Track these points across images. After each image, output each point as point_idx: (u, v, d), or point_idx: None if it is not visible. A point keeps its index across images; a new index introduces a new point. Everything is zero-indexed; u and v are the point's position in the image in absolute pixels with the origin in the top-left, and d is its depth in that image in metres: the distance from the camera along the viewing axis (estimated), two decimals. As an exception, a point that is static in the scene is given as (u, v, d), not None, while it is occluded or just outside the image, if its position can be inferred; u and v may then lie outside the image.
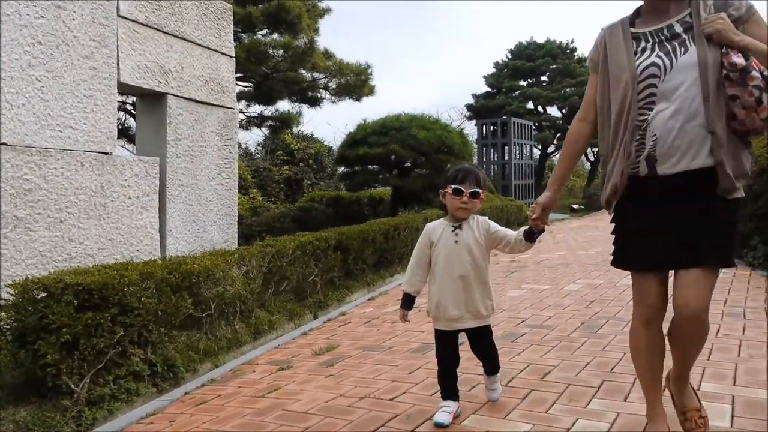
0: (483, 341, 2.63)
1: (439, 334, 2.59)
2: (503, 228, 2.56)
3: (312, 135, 19.86)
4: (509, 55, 23.33)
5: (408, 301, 2.58)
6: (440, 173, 12.80)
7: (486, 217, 2.58)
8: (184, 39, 5.70)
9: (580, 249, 8.72)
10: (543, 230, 2.39)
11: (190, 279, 4.03)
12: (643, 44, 2.05)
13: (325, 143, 20.00)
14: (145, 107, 5.66)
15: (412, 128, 12.39)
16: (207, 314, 4.23)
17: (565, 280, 5.94)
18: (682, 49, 1.96)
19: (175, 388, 3.55)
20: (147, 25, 5.24)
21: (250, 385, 3.34)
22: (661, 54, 1.99)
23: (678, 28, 2.01)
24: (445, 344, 2.58)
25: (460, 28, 68.44)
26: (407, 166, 12.81)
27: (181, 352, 3.89)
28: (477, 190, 2.49)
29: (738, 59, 1.85)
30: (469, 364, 3.29)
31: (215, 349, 4.15)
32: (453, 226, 2.52)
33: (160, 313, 3.73)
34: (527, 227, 2.43)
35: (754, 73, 1.85)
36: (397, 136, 12.43)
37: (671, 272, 2.08)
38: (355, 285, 6.56)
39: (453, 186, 2.47)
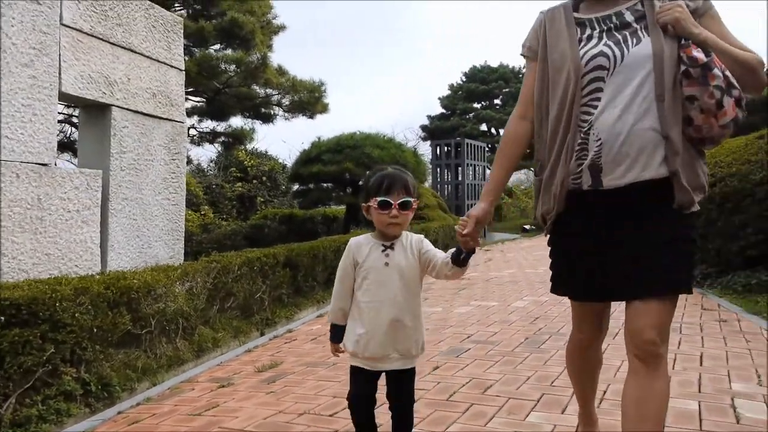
0: (405, 387, 2.13)
1: (355, 372, 2.09)
2: (434, 248, 2.10)
3: (266, 152, 19.74)
4: (464, 78, 23.80)
5: (337, 333, 2.13)
6: (394, 192, 12.94)
7: (422, 236, 2.13)
8: (132, 50, 5.60)
9: (530, 267, 8.87)
10: (473, 251, 1.93)
11: (129, 294, 3.90)
12: (588, 31, 1.77)
13: (280, 160, 19.90)
14: (88, 118, 5.50)
15: (367, 147, 12.46)
16: (147, 331, 4.10)
17: (512, 297, 6.02)
18: (634, 40, 1.69)
19: (110, 407, 3.41)
20: (92, 35, 5.12)
21: (187, 403, 3.23)
22: (610, 43, 1.71)
23: (628, 17, 1.75)
24: (362, 386, 2.10)
25: (417, 51, 69.56)
26: (361, 184, 12.85)
27: (118, 371, 3.75)
28: (407, 199, 2.00)
29: (698, 54, 1.61)
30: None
31: (154, 367, 4.01)
32: (383, 245, 2.05)
33: (95, 330, 3.59)
34: (455, 248, 1.96)
35: (716, 71, 1.61)
36: (351, 154, 12.46)
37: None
38: (305, 302, 6.48)
39: (378, 198, 1.98)
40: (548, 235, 1.92)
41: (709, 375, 3.22)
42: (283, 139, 50.02)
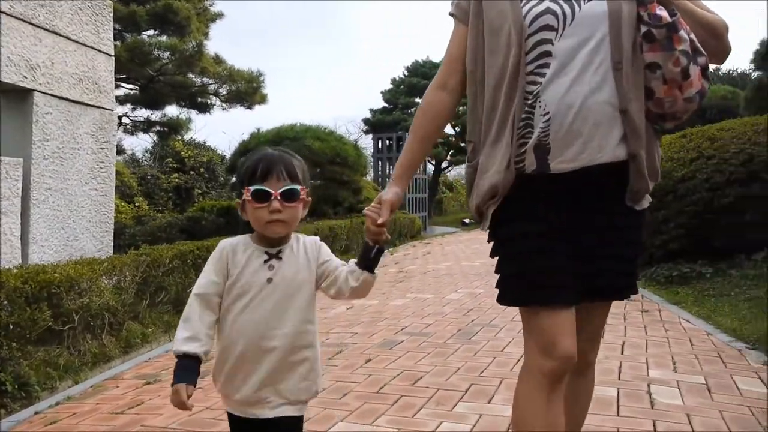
0: None
1: (232, 420, 1.55)
2: (334, 257, 1.59)
3: (204, 143, 19.19)
4: (406, 72, 23.90)
5: (189, 371, 1.41)
6: (335, 185, 12.89)
7: (317, 239, 1.61)
8: (56, 33, 5.33)
9: (466, 260, 9.03)
10: (384, 247, 1.55)
11: (49, 289, 3.72)
12: None
13: (219, 152, 19.44)
14: (8, 104, 5.21)
15: (307, 139, 12.36)
16: (69, 327, 3.93)
17: (448, 289, 6.11)
18: None
19: (27, 408, 3.25)
20: (11, 16, 4.84)
21: (110, 401, 3.12)
22: None
23: None
24: None
25: (360, 45, 69.44)
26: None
27: (37, 369, 3.58)
28: (293, 187, 1.45)
29: (662, 12, 1.36)
30: (344, 372, 3.28)
31: (77, 364, 3.85)
32: (267, 254, 1.50)
33: (12, 327, 3.41)
34: (363, 247, 1.56)
35: (682, 33, 1.37)
36: (291, 146, 12.21)
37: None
38: (241, 296, 6.38)
39: (253, 187, 1.44)
40: (489, 231, 1.54)
41: (629, 363, 3.37)
42: (223, 130, 49.03)
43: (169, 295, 5.15)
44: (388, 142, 19.12)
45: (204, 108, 10.83)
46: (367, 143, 24.72)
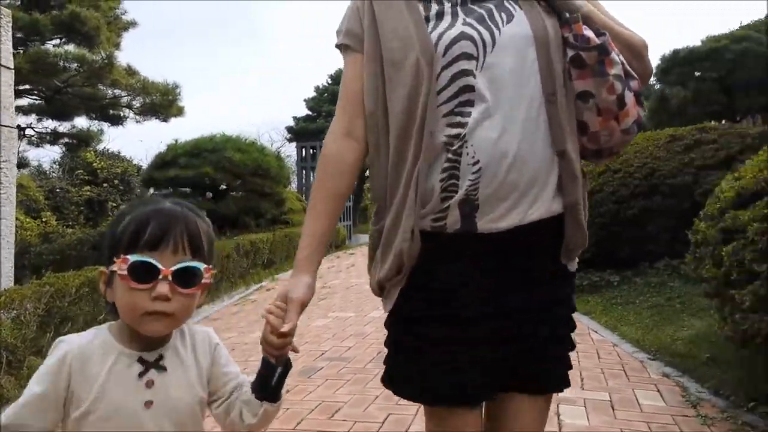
0: None
1: None
2: (235, 366, 1.16)
3: (119, 153, 18.47)
4: (329, 80, 23.86)
5: None
6: (256, 197, 12.68)
7: (211, 331, 1.18)
8: (-57, 47, 4.96)
9: (390, 272, 9.09)
10: (290, 365, 1.15)
11: (-64, 331, 3.44)
12: (435, 7, 1.22)
13: (135, 162, 18.72)
14: None
15: (227, 150, 12.09)
16: (-39, 370, 3.65)
17: (369, 306, 6.13)
18: (503, 15, 1.18)
19: None
20: None
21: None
22: (471, 21, 1.17)
23: None
24: None
25: (284, 52, 68.76)
26: (222, 189, 12.44)
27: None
28: (194, 265, 1.02)
29: (589, 32, 1.17)
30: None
31: (-29, 410, 3.58)
32: (141, 362, 1.03)
33: None
34: (261, 365, 1.13)
35: (614, 56, 1.17)
36: (210, 158, 12.02)
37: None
38: (156, 320, 6.15)
39: (132, 257, 0.98)
40: (389, 313, 1.27)
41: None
42: (140, 139, 47.22)
43: (77, 325, 4.88)
44: (312, 150, 19.00)
45: (116, 120, 10.38)
46: (290, 151, 24.49)
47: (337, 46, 1.33)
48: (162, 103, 9.84)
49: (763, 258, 2.51)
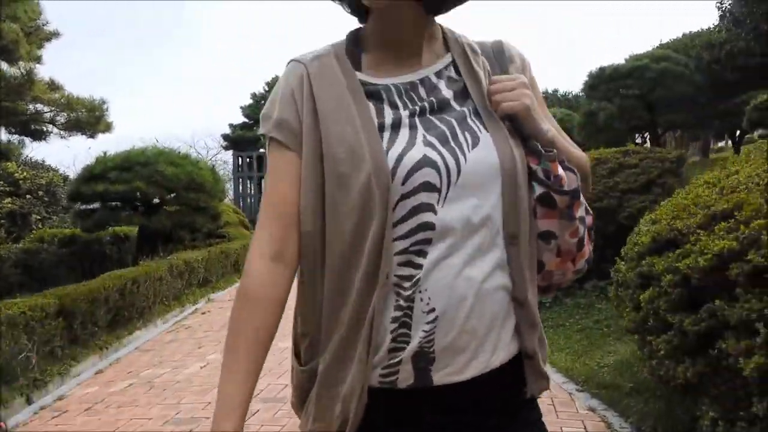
0: None
1: None
2: None
3: (43, 162, 17.56)
4: (266, 88, 23.59)
5: None
6: (191, 211, 12.36)
7: None
8: None
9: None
10: None
11: None
12: (390, 113, 1.01)
13: (61, 171, 17.86)
14: None
15: (160, 164, 11.75)
16: None
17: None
18: (468, 136, 1.00)
19: None
20: None
21: None
22: (433, 140, 0.99)
23: (444, 90, 1.04)
24: None
25: (220, 53, 67.46)
26: (155, 203, 12.08)
27: None
28: None
29: (562, 172, 1.06)
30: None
31: None
32: None
33: None
34: None
35: (582, 198, 1.09)
36: (142, 172, 11.65)
37: None
38: (84, 352, 5.90)
39: None
40: None
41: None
42: (67, 144, 45.18)
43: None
44: (248, 159, 18.74)
45: (39, 135, 9.91)
46: (227, 158, 24.04)
47: (265, 135, 1.06)
48: (88, 119, 9.44)
49: (676, 309, 2.65)
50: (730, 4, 11.13)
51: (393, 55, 1.05)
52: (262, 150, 20.46)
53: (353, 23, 1.11)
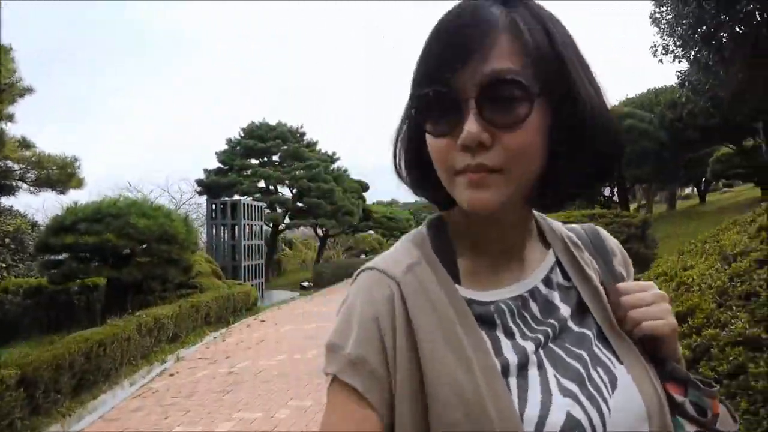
0: None
1: None
2: None
3: (11, 208, 17.26)
4: (241, 134, 23.71)
5: None
6: (162, 263, 12.21)
7: None
8: None
9: (299, 351, 8.97)
10: None
11: None
12: (507, 345, 0.76)
13: (28, 217, 17.53)
14: None
15: (132, 215, 11.66)
16: None
17: (277, 402, 6.02)
18: (602, 373, 0.77)
19: None
20: None
21: None
22: (570, 385, 0.74)
23: (559, 304, 0.82)
24: None
25: (196, 97, 67.78)
26: (125, 254, 11.92)
27: None
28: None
29: (721, 409, 0.84)
30: None
31: None
32: None
33: None
34: None
35: None
36: (113, 224, 11.54)
37: None
38: (46, 421, 5.73)
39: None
40: None
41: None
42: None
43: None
44: (222, 206, 18.64)
45: (8, 191, 9.79)
46: (201, 201, 23.93)
47: (328, 374, 0.76)
48: (59, 176, 9.39)
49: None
50: (688, 73, 11.69)
51: (490, 261, 0.81)
52: (236, 197, 20.44)
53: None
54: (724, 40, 8.68)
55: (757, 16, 8.33)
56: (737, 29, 8.53)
